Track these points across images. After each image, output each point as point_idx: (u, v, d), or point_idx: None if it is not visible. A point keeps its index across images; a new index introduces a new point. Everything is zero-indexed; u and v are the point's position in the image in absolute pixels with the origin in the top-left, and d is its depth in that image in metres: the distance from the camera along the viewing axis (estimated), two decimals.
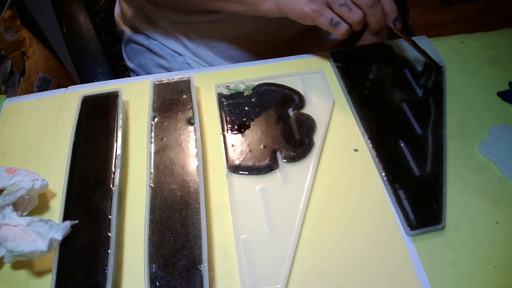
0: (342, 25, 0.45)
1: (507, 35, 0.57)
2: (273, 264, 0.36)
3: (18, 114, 0.49)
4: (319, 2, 0.45)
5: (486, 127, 0.46)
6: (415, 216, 0.39)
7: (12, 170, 0.39)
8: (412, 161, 0.43)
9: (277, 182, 0.42)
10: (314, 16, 0.46)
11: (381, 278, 0.36)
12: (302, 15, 0.46)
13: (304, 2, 0.45)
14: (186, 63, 0.64)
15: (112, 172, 0.40)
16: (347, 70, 0.52)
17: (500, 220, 0.39)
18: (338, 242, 0.38)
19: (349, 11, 0.44)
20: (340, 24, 0.45)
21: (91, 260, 0.35)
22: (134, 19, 0.65)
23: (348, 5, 0.44)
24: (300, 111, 0.48)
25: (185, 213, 0.37)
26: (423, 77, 0.51)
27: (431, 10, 1.68)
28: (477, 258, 0.37)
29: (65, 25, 0.69)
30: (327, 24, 0.46)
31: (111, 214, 0.37)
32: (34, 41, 0.91)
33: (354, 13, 0.44)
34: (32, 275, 0.37)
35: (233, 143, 0.45)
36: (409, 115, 0.47)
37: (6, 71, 0.81)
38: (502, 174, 0.42)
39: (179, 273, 0.34)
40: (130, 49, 0.70)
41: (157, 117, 0.45)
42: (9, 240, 0.34)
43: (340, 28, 0.46)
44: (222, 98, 0.49)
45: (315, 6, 0.45)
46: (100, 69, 0.67)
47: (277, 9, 0.48)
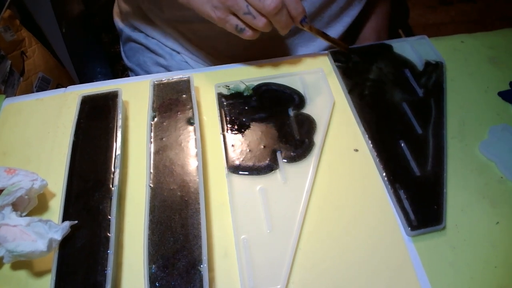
0: (247, 31, 0.46)
1: (507, 35, 0.57)
2: (273, 264, 0.36)
3: (17, 114, 0.49)
4: (223, 10, 0.45)
5: (486, 127, 0.46)
6: (415, 216, 0.39)
7: (12, 170, 0.39)
8: (412, 161, 0.43)
9: (277, 182, 0.42)
10: (220, 22, 0.46)
11: (381, 278, 0.36)
12: (209, 19, 0.47)
13: (210, 7, 0.45)
14: (184, 61, 0.64)
15: (111, 172, 0.40)
16: (347, 70, 0.52)
17: (500, 220, 0.39)
18: (338, 242, 0.38)
19: (253, 19, 0.44)
20: (245, 30, 0.46)
21: (90, 260, 0.35)
22: (132, 18, 0.65)
23: (252, 13, 0.44)
24: (300, 111, 0.48)
25: (185, 213, 0.37)
26: (424, 77, 0.51)
27: (431, 10, 1.68)
28: (477, 258, 0.37)
29: (64, 25, 0.69)
30: (233, 30, 0.46)
31: (110, 214, 0.37)
32: (34, 41, 0.90)
33: (258, 21, 0.44)
34: (31, 275, 0.37)
35: (233, 143, 0.45)
36: (410, 115, 0.47)
37: (5, 71, 0.80)
38: (503, 174, 0.42)
39: (179, 273, 0.34)
40: (129, 47, 0.70)
41: (156, 117, 0.45)
42: (8, 240, 0.34)
43: (246, 33, 0.46)
44: (222, 98, 0.49)
45: (220, 14, 0.45)
46: (99, 69, 0.67)
47: (187, 5, 0.48)
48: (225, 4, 0.44)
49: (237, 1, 0.44)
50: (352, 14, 0.60)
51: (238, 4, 0.44)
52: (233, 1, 0.44)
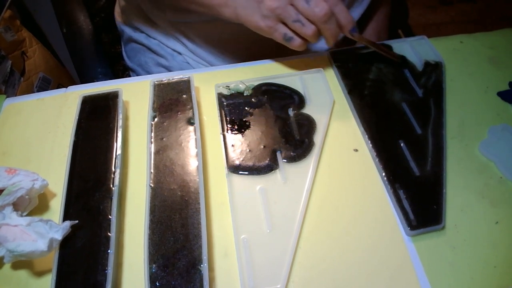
0: (296, 39, 0.46)
1: (507, 35, 0.57)
2: (273, 264, 0.36)
3: (18, 114, 0.49)
4: (273, 18, 0.45)
5: (486, 127, 0.46)
6: (415, 216, 0.39)
7: (12, 170, 0.39)
8: (412, 161, 0.43)
9: (277, 182, 0.42)
10: (268, 31, 0.47)
11: (381, 278, 0.36)
12: (257, 29, 0.48)
13: (259, 16, 0.46)
14: (186, 62, 0.64)
15: (112, 172, 0.40)
16: (347, 70, 0.52)
17: (500, 220, 0.39)
18: (338, 242, 0.38)
19: (302, 26, 0.45)
20: (293, 39, 0.46)
21: (91, 260, 0.35)
22: (134, 18, 0.65)
23: (301, 20, 0.45)
24: (300, 111, 0.48)
25: (185, 213, 0.37)
26: (423, 77, 0.51)
27: (431, 10, 1.68)
28: (477, 258, 0.37)
29: (65, 25, 0.70)
30: (281, 39, 0.47)
31: (111, 214, 0.37)
32: (34, 41, 0.90)
33: (307, 28, 0.45)
34: (32, 275, 0.37)
35: (233, 143, 0.45)
36: (409, 115, 0.47)
37: (6, 71, 0.80)
38: (502, 174, 0.42)
39: (179, 273, 0.34)
40: (130, 48, 0.70)
41: (157, 117, 0.45)
42: (9, 240, 0.34)
43: (293, 42, 0.47)
44: (222, 98, 0.49)
45: (269, 22, 0.46)
46: (100, 69, 0.67)
47: (235, 18, 0.49)
48: (274, 12, 0.45)
49: (286, 9, 0.44)
50: (355, 15, 0.60)
51: (288, 12, 0.44)
52: (282, 9, 0.44)
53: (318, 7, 0.43)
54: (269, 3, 0.45)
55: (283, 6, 0.44)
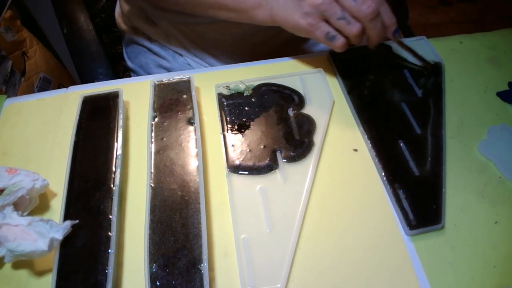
0: (339, 38, 0.44)
1: (506, 35, 0.57)
2: (273, 263, 0.36)
3: (18, 114, 0.50)
4: (316, 16, 0.43)
5: (485, 127, 0.46)
6: (414, 216, 0.39)
7: (13, 170, 0.39)
8: (411, 161, 0.43)
9: (277, 182, 0.42)
10: (310, 30, 0.45)
11: (381, 277, 0.36)
12: (297, 28, 0.45)
13: (300, 14, 0.44)
14: (187, 63, 0.64)
15: (112, 172, 0.40)
16: (347, 70, 0.52)
17: (499, 220, 0.39)
18: (338, 242, 0.38)
19: (348, 25, 0.43)
20: (336, 37, 0.44)
21: (91, 260, 0.35)
22: (135, 20, 0.65)
23: (347, 18, 0.43)
24: (300, 111, 0.48)
25: (185, 213, 0.38)
26: (423, 77, 0.51)
27: (431, 10, 1.68)
28: (476, 257, 0.37)
29: (65, 26, 0.70)
30: (323, 38, 0.45)
31: (111, 213, 0.37)
32: (35, 42, 0.91)
33: (353, 26, 0.43)
34: (32, 274, 0.37)
35: (233, 143, 0.45)
36: (409, 115, 0.47)
37: (6, 71, 0.81)
38: (502, 174, 0.43)
39: (179, 272, 0.34)
40: (131, 49, 0.70)
41: (157, 117, 0.45)
42: (9, 240, 0.34)
43: (336, 42, 0.44)
44: (222, 98, 0.49)
45: (311, 20, 0.44)
46: (100, 69, 0.67)
47: (270, 19, 0.47)
48: (318, 8, 0.43)
49: (331, 6, 0.42)
50: None
51: (333, 9, 0.42)
52: (327, 6, 0.42)
53: (365, 4, 0.41)
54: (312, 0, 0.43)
55: (328, 3, 0.42)
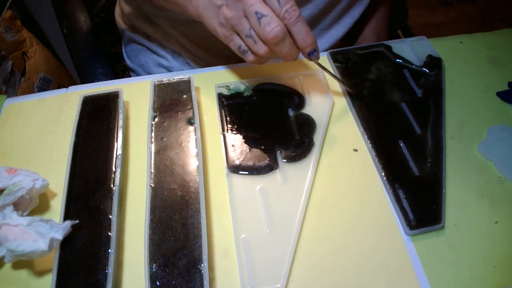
0: (249, 54, 0.43)
1: (507, 35, 0.57)
2: (273, 263, 0.36)
3: (18, 114, 0.50)
4: (229, 28, 0.42)
5: (485, 127, 0.46)
6: (414, 216, 0.39)
7: (13, 170, 0.39)
8: (411, 161, 0.43)
9: (277, 182, 0.42)
10: (224, 40, 0.44)
11: (381, 277, 0.36)
12: (216, 34, 0.45)
13: (217, 23, 0.43)
14: (186, 62, 0.64)
15: (112, 172, 0.40)
16: (346, 70, 0.52)
17: (499, 220, 0.39)
18: (337, 242, 0.38)
19: (254, 44, 0.41)
20: (248, 53, 0.43)
21: (91, 260, 0.35)
22: (134, 19, 0.65)
23: (253, 37, 0.41)
24: (300, 111, 0.48)
25: (185, 213, 0.38)
26: (423, 77, 0.51)
27: (431, 11, 1.68)
28: (476, 257, 0.37)
29: (65, 26, 0.70)
30: (236, 50, 0.44)
31: (111, 213, 0.37)
32: (35, 42, 0.91)
33: (259, 47, 0.41)
34: (32, 274, 0.37)
35: (233, 143, 0.45)
36: (409, 115, 0.47)
37: (6, 71, 0.81)
38: (502, 174, 0.43)
39: (179, 272, 0.34)
40: (131, 48, 0.70)
41: (157, 117, 0.45)
42: (9, 240, 0.34)
43: (248, 57, 0.43)
44: (222, 98, 0.49)
45: (225, 31, 0.43)
46: (100, 69, 0.67)
47: (198, 16, 0.46)
48: (229, 22, 0.42)
49: (241, 21, 0.41)
50: (353, 15, 0.61)
51: (242, 25, 0.41)
52: (237, 21, 0.41)
53: (269, 26, 0.38)
54: (225, 11, 0.41)
55: (238, 18, 0.40)
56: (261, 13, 0.38)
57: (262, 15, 0.38)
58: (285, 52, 0.41)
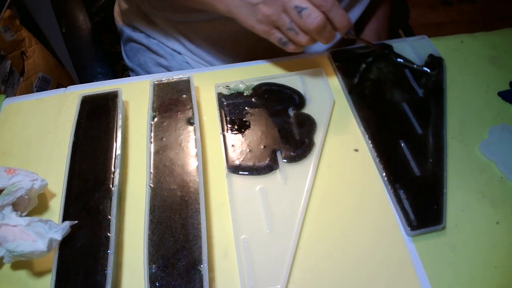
0: (290, 45, 0.47)
1: (507, 35, 0.57)
2: (273, 264, 0.36)
3: (17, 114, 0.49)
4: (268, 23, 0.45)
5: (486, 127, 0.46)
6: (415, 216, 0.39)
7: (12, 170, 0.39)
8: (412, 161, 0.43)
9: (277, 182, 0.42)
10: (264, 35, 0.47)
11: (381, 278, 0.36)
12: (253, 31, 0.48)
13: (254, 20, 0.46)
14: (185, 62, 0.64)
15: (111, 172, 0.40)
16: (347, 70, 0.52)
17: (500, 220, 0.39)
18: (338, 242, 0.38)
19: (296, 35, 0.45)
20: (288, 44, 0.46)
21: (90, 260, 0.35)
22: (133, 18, 0.65)
23: (295, 29, 0.44)
24: (300, 111, 0.48)
25: (185, 213, 0.37)
26: (424, 77, 0.51)
27: (431, 10, 1.68)
28: (477, 258, 0.37)
29: (64, 25, 0.69)
30: (277, 43, 0.47)
31: (110, 214, 0.37)
32: (34, 41, 0.90)
33: (301, 37, 0.45)
34: (31, 275, 0.37)
35: (233, 143, 0.45)
36: (410, 115, 0.47)
37: (5, 71, 0.80)
38: (503, 174, 0.42)
39: (179, 273, 0.34)
40: (130, 48, 0.70)
41: (156, 117, 0.45)
42: (8, 240, 0.34)
43: (289, 47, 0.47)
44: (222, 98, 0.49)
45: (265, 27, 0.46)
46: (99, 69, 0.67)
47: (229, 13, 0.48)
48: (269, 19, 0.45)
49: (280, 17, 0.44)
50: (354, 15, 0.60)
51: (282, 20, 0.44)
52: (276, 17, 0.44)
53: (310, 18, 0.42)
54: (263, 9, 0.44)
55: (277, 14, 0.44)
56: (300, 6, 0.42)
57: (302, 8, 0.42)
58: (326, 37, 0.45)
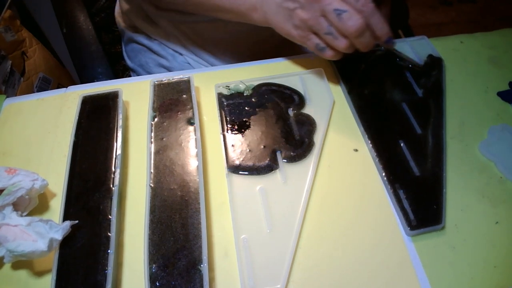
0: (328, 50, 0.45)
1: (507, 35, 0.57)
2: (273, 264, 0.36)
3: (18, 114, 0.49)
4: (305, 29, 0.45)
5: (486, 127, 0.46)
6: (415, 216, 0.39)
7: (12, 170, 0.39)
8: (412, 161, 0.43)
9: (277, 182, 0.42)
10: (300, 40, 0.46)
11: (381, 278, 0.36)
12: (290, 36, 0.47)
13: (291, 25, 0.45)
14: (186, 62, 0.64)
15: (112, 172, 0.40)
16: (347, 70, 0.52)
17: (500, 220, 0.39)
18: (338, 242, 0.38)
19: (335, 40, 0.44)
20: (326, 49, 0.45)
21: (91, 260, 0.35)
22: (135, 19, 0.65)
23: (333, 33, 0.43)
24: (300, 111, 0.48)
25: (185, 213, 0.37)
26: (423, 77, 0.51)
27: (431, 10, 1.68)
28: (477, 258, 0.37)
29: (65, 25, 0.69)
30: (314, 49, 0.46)
31: (111, 214, 0.37)
32: (34, 41, 0.90)
33: (340, 42, 0.44)
34: (32, 275, 0.37)
35: (233, 143, 0.45)
36: (409, 115, 0.47)
37: (6, 71, 0.81)
38: (502, 174, 0.42)
39: (179, 273, 0.34)
40: (131, 48, 0.70)
41: (157, 117, 0.45)
42: (9, 240, 0.34)
43: (326, 53, 0.46)
44: (222, 98, 0.49)
45: (301, 32, 0.45)
46: (100, 69, 0.67)
47: (265, 22, 0.48)
48: (306, 23, 0.44)
49: (318, 21, 0.43)
50: None
51: (320, 24, 0.43)
52: (314, 21, 0.43)
53: (351, 20, 0.41)
54: (301, 14, 0.43)
55: (315, 18, 0.43)
56: (340, 9, 0.41)
57: (342, 11, 0.41)
58: (365, 43, 0.44)
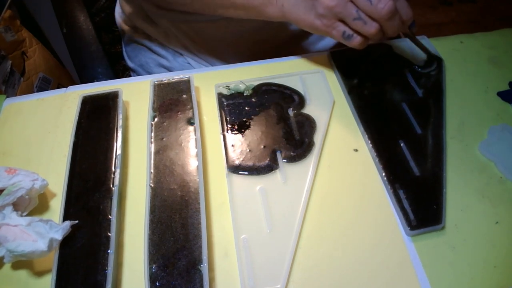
0: (355, 37, 0.44)
1: (507, 35, 0.57)
2: (273, 264, 0.36)
3: (18, 114, 0.49)
4: (331, 17, 0.43)
5: (486, 127, 0.46)
6: (415, 216, 0.39)
7: (12, 170, 0.39)
8: (412, 161, 0.43)
9: (277, 182, 0.42)
10: (326, 30, 0.44)
11: (381, 278, 0.36)
12: (312, 28, 0.45)
13: (315, 15, 0.44)
14: (187, 62, 0.64)
15: (112, 172, 0.40)
16: (347, 70, 0.52)
17: (500, 220, 0.39)
18: (338, 242, 0.38)
19: (364, 25, 0.42)
20: (353, 36, 0.44)
21: (91, 260, 0.35)
22: (135, 19, 0.65)
23: (363, 18, 0.42)
24: (300, 111, 0.48)
25: (185, 213, 0.37)
26: (423, 77, 0.51)
27: (431, 10, 1.68)
28: (477, 258, 0.37)
29: (65, 25, 0.69)
30: (340, 37, 0.44)
31: (111, 214, 0.37)
32: (34, 41, 0.90)
33: (370, 26, 0.42)
34: (32, 275, 0.37)
35: (233, 143, 0.45)
36: (409, 115, 0.47)
37: (6, 71, 0.81)
38: (502, 174, 0.42)
39: (179, 273, 0.34)
40: (131, 48, 0.70)
41: (157, 117, 0.45)
42: (9, 240, 0.34)
43: (353, 41, 0.44)
44: (222, 98, 0.49)
45: (327, 21, 0.43)
46: (100, 69, 0.67)
47: (281, 16, 0.47)
48: (332, 10, 0.42)
49: (346, 7, 0.42)
50: None
51: (348, 10, 0.42)
52: (341, 7, 0.42)
53: (381, 3, 0.40)
54: (326, 1, 0.42)
55: (343, 4, 0.41)
56: None
57: None
58: (394, 27, 0.42)
